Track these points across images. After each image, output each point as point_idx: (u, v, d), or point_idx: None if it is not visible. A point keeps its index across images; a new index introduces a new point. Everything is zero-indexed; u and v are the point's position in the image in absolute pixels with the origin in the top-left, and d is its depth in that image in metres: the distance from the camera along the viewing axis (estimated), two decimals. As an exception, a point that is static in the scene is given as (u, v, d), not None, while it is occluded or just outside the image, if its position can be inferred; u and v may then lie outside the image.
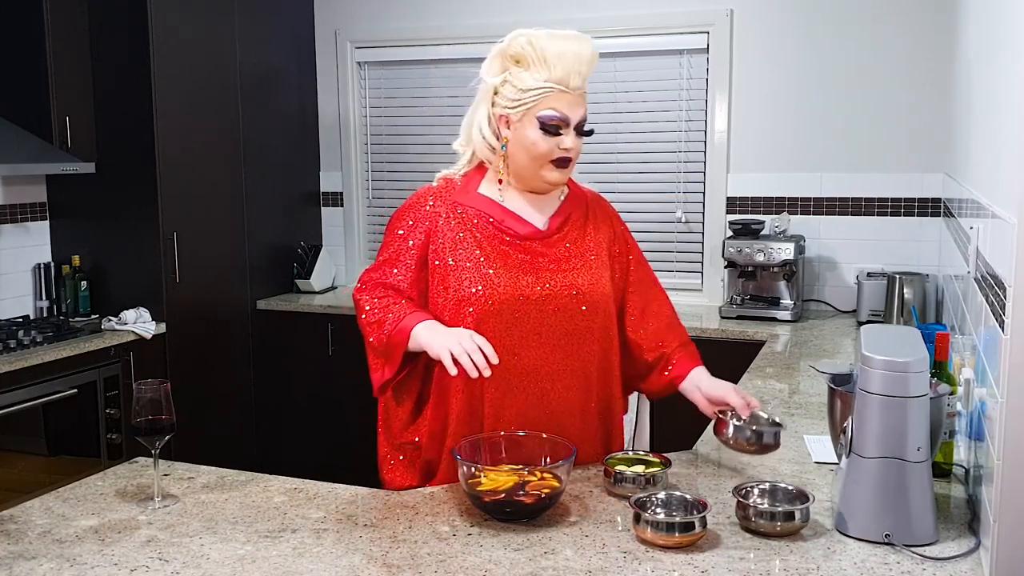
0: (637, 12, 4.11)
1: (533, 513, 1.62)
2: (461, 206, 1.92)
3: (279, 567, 1.48)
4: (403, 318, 1.85)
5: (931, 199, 3.77)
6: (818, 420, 2.28)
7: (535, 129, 1.84)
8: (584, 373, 1.91)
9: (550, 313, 1.86)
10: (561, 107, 1.82)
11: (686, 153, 4.15)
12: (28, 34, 3.59)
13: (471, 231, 1.90)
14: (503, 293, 1.84)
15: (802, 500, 1.59)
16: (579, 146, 1.88)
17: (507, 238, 1.90)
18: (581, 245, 1.95)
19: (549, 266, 1.89)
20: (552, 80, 1.81)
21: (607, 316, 1.95)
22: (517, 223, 1.91)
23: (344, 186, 4.74)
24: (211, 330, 4.05)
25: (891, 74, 3.78)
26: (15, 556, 1.53)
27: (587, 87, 1.88)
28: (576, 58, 1.81)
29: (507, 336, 1.84)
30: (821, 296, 3.98)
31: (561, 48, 1.81)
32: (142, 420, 1.74)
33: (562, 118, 1.83)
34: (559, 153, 1.85)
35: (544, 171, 1.87)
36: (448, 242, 1.89)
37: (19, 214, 3.77)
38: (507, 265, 1.87)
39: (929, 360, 1.55)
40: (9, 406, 3.10)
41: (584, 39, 1.86)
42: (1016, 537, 1.37)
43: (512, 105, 1.85)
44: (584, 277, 1.90)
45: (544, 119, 1.82)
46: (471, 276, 1.86)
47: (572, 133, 1.85)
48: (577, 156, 1.90)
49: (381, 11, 4.54)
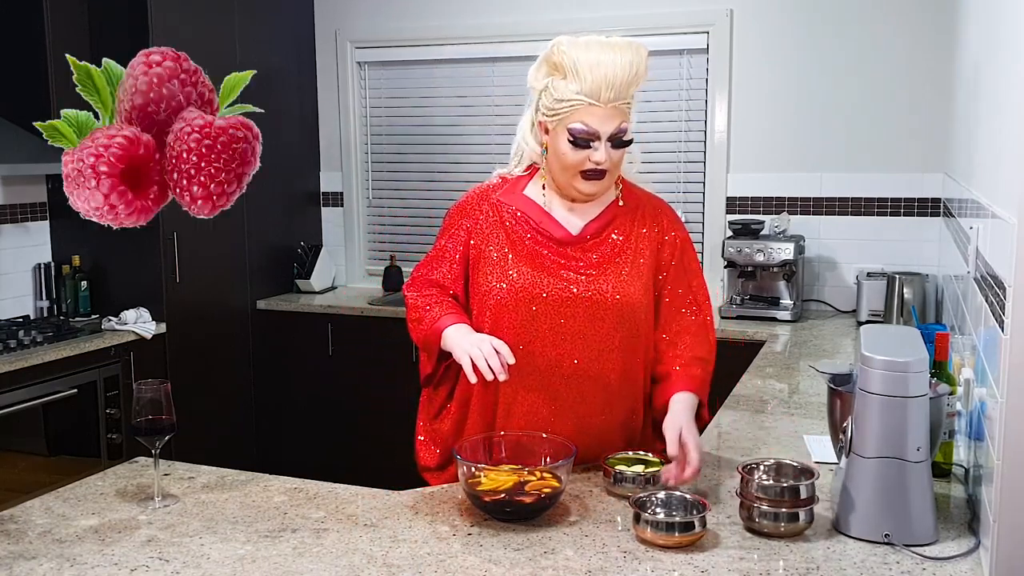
0: (637, 12, 4.10)
1: (533, 513, 1.62)
2: (504, 204, 1.95)
3: (279, 567, 1.48)
4: (439, 319, 1.89)
5: (931, 199, 3.77)
6: (818, 420, 2.28)
7: (565, 141, 1.83)
8: (603, 381, 1.89)
9: (569, 316, 1.86)
10: (591, 121, 1.80)
11: (686, 153, 4.15)
12: (28, 34, 3.59)
13: (506, 229, 1.92)
14: (521, 292, 1.86)
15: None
16: (616, 157, 1.85)
17: (541, 239, 1.91)
18: (622, 253, 1.91)
19: (577, 270, 1.89)
20: (583, 93, 1.79)
21: (633, 325, 1.90)
22: (553, 226, 1.92)
23: (344, 186, 4.74)
24: (211, 330, 4.05)
25: (891, 74, 3.78)
26: (15, 556, 1.53)
27: (630, 97, 1.83)
28: (610, 70, 1.77)
29: (522, 333, 1.86)
30: (821, 296, 3.98)
31: (595, 59, 1.78)
32: (142, 420, 1.74)
33: (591, 132, 1.81)
34: (589, 165, 1.83)
35: (575, 182, 1.87)
36: (484, 239, 1.93)
37: (19, 214, 3.77)
38: (533, 265, 1.89)
39: (929, 360, 1.55)
40: (9, 406, 3.10)
41: (628, 49, 1.80)
42: (1016, 537, 1.37)
43: (549, 114, 1.85)
44: (613, 284, 1.88)
45: (574, 132, 1.81)
46: (496, 272, 1.90)
47: (605, 146, 1.82)
48: (615, 167, 1.87)
49: (381, 11, 4.54)
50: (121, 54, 1.75)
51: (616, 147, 1.84)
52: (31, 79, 3.59)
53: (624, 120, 1.83)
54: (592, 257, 1.90)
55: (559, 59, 1.81)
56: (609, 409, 1.91)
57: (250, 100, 1.84)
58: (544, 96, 1.85)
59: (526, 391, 1.88)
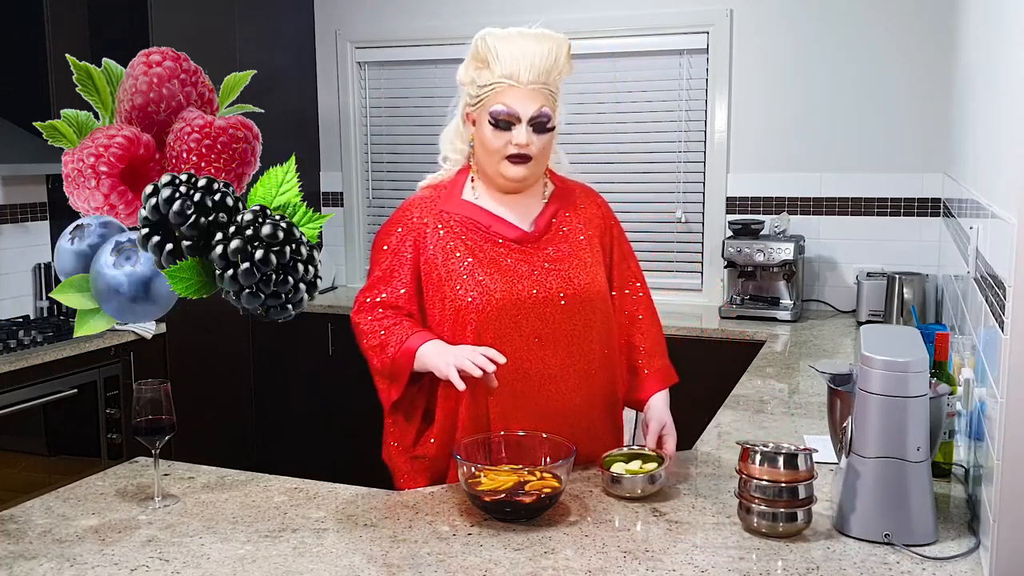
0: (637, 12, 4.10)
1: (533, 513, 1.62)
2: (447, 214, 1.91)
3: (279, 567, 1.48)
4: (406, 340, 1.84)
5: (931, 199, 3.77)
6: (818, 420, 2.28)
7: (487, 124, 1.84)
8: (587, 373, 1.90)
9: (548, 316, 1.86)
10: (510, 101, 1.82)
11: (686, 153, 4.15)
12: (28, 34, 3.59)
13: (460, 238, 1.88)
14: (500, 299, 1.83)
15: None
16: (539, 142, 1.85)
17: (498, 242, 1.89)
18: (572, 243, 1.93)
19: (543, 267, 1.88)
20: (503, 75, 1.81)
21: (606, 313, 1.94)
22: (505, 227, 1.90)
23: (344, 186, 4.74)
24: (211, 330, 4.04)
25: (891, 74, 3.78)
26: (15, 556, 1.53)
27: (553, 84, 1.85)
28: (528, 52, 1.81)
29: (507, 342, 1.83)
30: (821, 296, 3.98)
31: (514, 43, 1.82)
32: (142, 420, 1.74)
33: (511, 112, 1.82)
34: (512, 149, 1.84)
35: (501, 167, 1.86)
36: (439, 252, 1.88)
37: (19, 214, 3.77)
38: (500, 270, 1.86)
39: (929, 360, 1.55)
40: (9, 406, 3.10)
41: (547, 38, 1.85)
42: (1016, 537, 1.37)
43: (473, 102, 1.86)
44: (579, 276, 1.89)
45: (495, 114, 1.83)
46: (465, 285, 1.84)
47: (527, 128, 1.83)
48: (541, 155, 1.87)
49: (381, 11, 4.54)
50: (121, 54, 1.76)
51: (539, 131, 1.85)
52: (31, 79, 3.59)
53: (546, 104, 1.84)
54: (549, 251, 1.90)
55: (482, 51, 1.85)
56: (592, 399, 1.92)
57: (250, 100, 1.84)
58: (470, 88, 1.87)
59: (519, 400, 1.85)
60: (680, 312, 3.94)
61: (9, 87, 3.63)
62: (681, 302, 4.15)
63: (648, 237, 4.23)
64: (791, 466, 1.55)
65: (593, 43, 4.11)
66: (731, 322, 3.74)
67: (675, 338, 3.61)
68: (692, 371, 3.64)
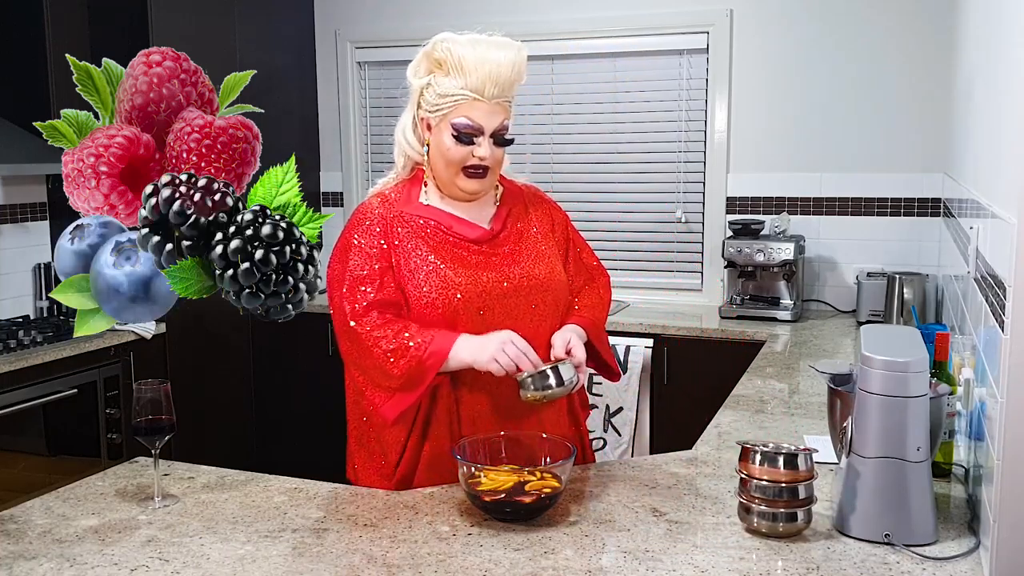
0: (637, 12, 4.10)
1: (533, 513, 1.62)
2: (408, 215, 1.90)
3: (279, 567, 1.48)
4: (432, 340, 1.78)
5: (931, 199, 3.77)
6: (818, 420, 2.28)
7: (449, 136, 1.83)
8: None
9: (513, 307, 1.87)
10: (475, 116, 1.81)
11: (686, 153, 4.15)
12: (28, 34, 3.59)
13: (423, 237, 1.87)
14: (467, 292, 1.83)
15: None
16: (498, 155, 1.86)
17: (459, 242, 1.89)
18: (528, 238, 1.96)
19: (505, 262, 1.90)
20: (468, 88, 1.80)
21: (566, 303, 1.99)
22: (466, 227, 1.91)
23: (344, 186, 4.74)
24: (211, 330, 4.05)
25: (891, 74, 3.78)
26: (15, 556, 1.53)
27: (512, 95, 1.86)
28: (495, 67, 1.80)
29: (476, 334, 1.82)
30: (821, 296, 3.98)
31: (480, 56, 1.80)
32: (142, 420, 1.74)
33: (475, 127, 1.82)
34: (472, 161, 1.84)
35: (458, 179, 1.86)
36: (402, 250, 1.86)
37: (19, 214, 3.77)
38: (465, 264, 1.86)
39: (929, 360, 1.55)
40: (9, 406, 3.10)
41: (510, 47, 1.84)
42: (1016, 537, 1.37)
43: (432, 110, 1.85)
44: (540, 267, 1.92)
45: (458, 127, 1.82)
46: (431, 280, 1.83)
47: (488, 142, 1.83)
48: (496, 165, 1.88)
49: (381, 11, 4.54)
50: (121, 54, 1.76)
51: (498, 144, 1.86)
52: (31, 79, 3.60)
53: (507, 117, 1.85)
54: (505, 249, 1.92)
55: (442, 56, 1.83)
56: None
57: (250, 100, 1.84)
58: (427, 92, 1.86)
59: (487, 390, 1.85)
60: (680, 312, 3.94)
61: (9, 87, 3.63)
62: (681, 302, 4.15)
63: (648, 237, 4.23)
64: (791, 466, 1.55)
65: (593, 43, 4.12)
66: (731, 322, 3.74)
67: (675, 338, 3.63)
68: (692, 371, 3.68)
